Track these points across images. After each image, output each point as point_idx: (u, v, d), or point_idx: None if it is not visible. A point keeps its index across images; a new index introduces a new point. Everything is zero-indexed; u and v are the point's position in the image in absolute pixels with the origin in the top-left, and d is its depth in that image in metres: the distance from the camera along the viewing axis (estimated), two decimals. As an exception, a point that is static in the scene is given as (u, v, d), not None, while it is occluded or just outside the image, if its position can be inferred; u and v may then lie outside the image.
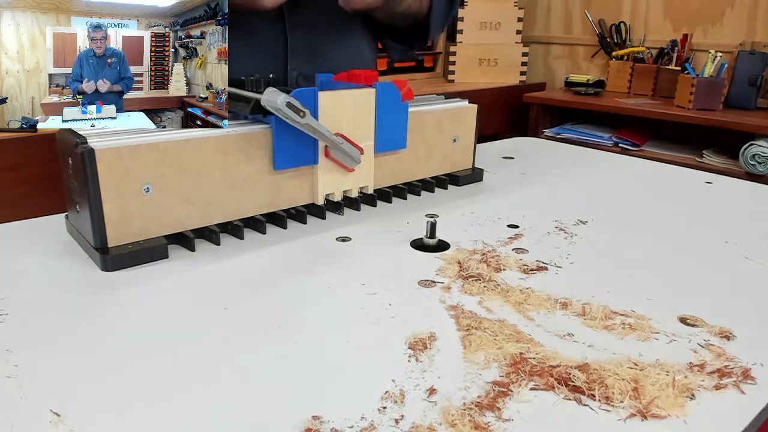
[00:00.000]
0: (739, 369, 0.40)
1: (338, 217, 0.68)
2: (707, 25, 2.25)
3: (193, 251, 0.57)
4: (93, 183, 0.50)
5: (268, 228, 0.62)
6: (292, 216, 0.65)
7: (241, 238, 0.60)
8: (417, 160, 0.76)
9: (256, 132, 0.59)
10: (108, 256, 0.52)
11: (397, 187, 0.75)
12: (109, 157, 0.51)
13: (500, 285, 0.51)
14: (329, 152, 0.63)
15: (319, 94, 0.60)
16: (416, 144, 0.74)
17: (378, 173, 0.71)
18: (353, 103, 0.64)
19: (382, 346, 0.42)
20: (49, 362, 0.39)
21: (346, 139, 0.63)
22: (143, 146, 0.52)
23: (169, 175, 0.54)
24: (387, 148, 0.70)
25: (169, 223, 0.56)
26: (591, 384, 0.37)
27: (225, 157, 0.58)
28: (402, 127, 0.71)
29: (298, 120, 0.56)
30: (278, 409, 0.35)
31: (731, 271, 0.56)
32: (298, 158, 0.62)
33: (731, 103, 2.04)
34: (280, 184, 0.62)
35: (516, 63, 2.50)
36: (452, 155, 0.80)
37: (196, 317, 0.45)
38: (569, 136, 2.24)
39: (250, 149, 0.59)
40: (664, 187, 0.84)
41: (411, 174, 0.76)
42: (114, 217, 0.52)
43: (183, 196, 0.56)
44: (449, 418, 0.34)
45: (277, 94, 0.55)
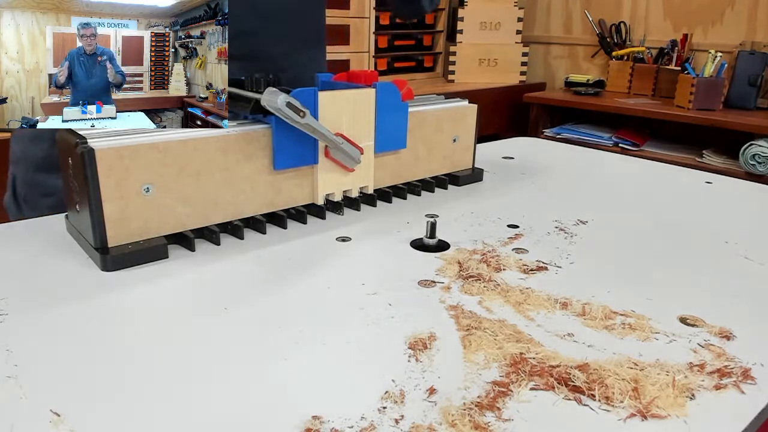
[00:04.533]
0: (739, 369, 0.40)
1: (338, 217, 0.68)
2: (707, 25, 2.25)
3: (193, 251, 0.57)
4: (93, 183, 0.50)
5: (268, 228, 0.62)
6: (292, 216, 0.65)
7: (241, 238, 0.60)
8: (417, 160, 0.76)
9: (256, 132, 0.59)
10: (108, 256, 0.52)
11: (397, 187, 0.75)
12: (109, 157, 0.51)
13: (500, 285, 0.51)
14: (329, 152, 0.63)
15: (319, 94, 0.60)
16: (416, 144, 0.75)
17: (378, 173, 0.71)
18: (353, 103, 0.64)
19: (382, 346, 0.42)
20: (49, 362, 0.39)
21: (346, 139, 0.63)
22: (143, 146, 0.52)
23: (169, 175, 0.54)
24: (387, 148, 0.70)
25: (169, 223, 0.56)
26: (591, 384, 0.37)
27: (225, 157, 0.58)
28: (402, 127, 0.71)
29: (298, 120, 0.56)
30: (278, 409, 0.35)
31: (731, 271, 0.56)
32: (298, 158, 0.62)
33: (731, 103, 2.04)
34: (280, 184, 0.62)
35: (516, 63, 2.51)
36: (452, 155, 0.80)
37: (195, 317, 0.45)
38: (569, 136, 2.24)
39: (250, 149, 0.59)
40: (664, 187, 0.84)
41: (411, 174, 0.76)
42: (114, 217, 0.52)
43: (183, 196, 0.56)
44: (449, 418, 0.34)
45: (277, 94, 0.55)
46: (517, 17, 2.50)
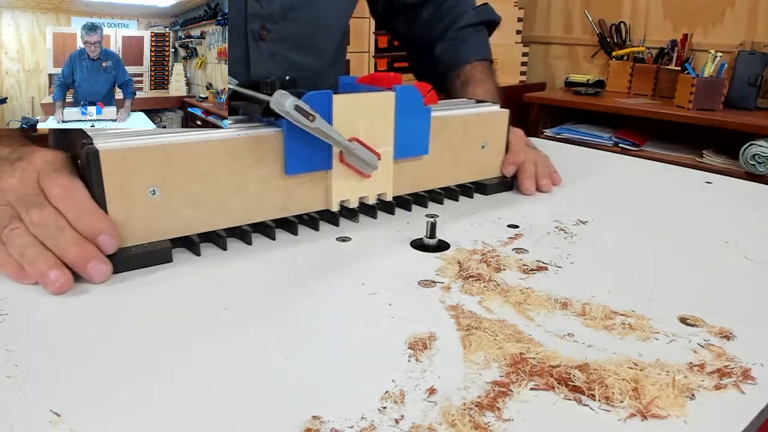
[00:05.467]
0: (739, 369, 0.40)
1: (348, 221, 0.66)
2: (707, 25, 2.25)
3: (198, 255, 0.56)
4: (97, 184, 0.50)
5: (278, 233, 0.61)
6: (305, 222, 0.63)
7: (249, 244, 0.59)
8: (441, 167, 0.72)
9: (267, 135, 0.58)
10: (111, 258, 0.51)
11: (418, 195, 0.71)
12: (113, 159, 0.50)
13: (500, 285, 0.51)
14: (344, 157, 0.61)
15: (333, 97, 0.58)
16: (440, 150, 0.71)
17: (397, 180, 0.68)
18: (371, 106, 0.62)
19: (382, 346, 0.42)
20: (49, 362, 0.39)
21: (362, 144, 0.61)
22: (149, 148, 0.52)
23: (175, 177, 0.53)
24: (407, 153, 0.68)
25: (174, 227, 0.55)
26: (591, 384, 0.37)
27: (234, 161, 0.56)
28: (424, 132, 0.68)
29: (308, 124, 0.55)
30: (278, 409, 0.35)
31: (731, 271, 0.56)
32: (311, 163, 0.60)
33: (731, 103, 2.04)
34: (292, 189, 0.61)
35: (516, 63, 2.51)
36: (480, 162, 0.76)
37: (195, 317, 0.45)
38: (569, 136, 2.25)
39: (261, 153, 0.57)
40: (664, 187, 0.84)
41: (434, 181, 0.73)
42: (118, 219, 0.51)
43: (190, 200, 0.55)
44: (449, 418, 0.34)
45: (285, 96, 0.53)
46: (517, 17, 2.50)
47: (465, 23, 0.95)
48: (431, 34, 0.95)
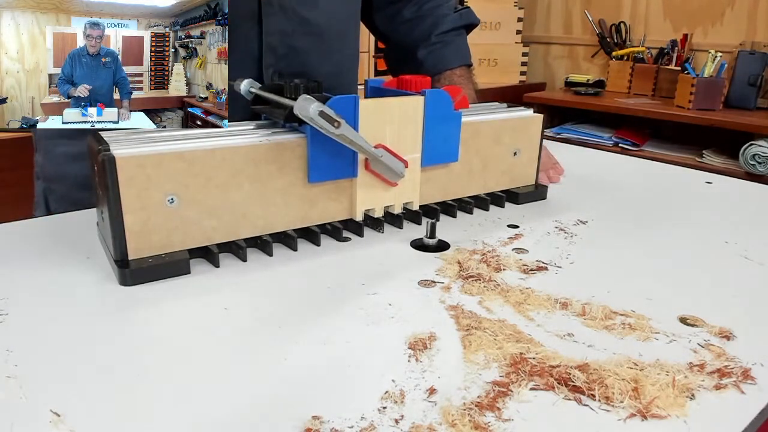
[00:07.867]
0: (739, 369, 0.40)
1: (378, 234, 0.63)
2: (707, 25, 2.25)
3: (217, 267, 0.54)
4: (113, 192, 0.48)
5: (299, 243, 0.58)
6: (328, 232, 0.60)
7: (270, 255, 0.56)
8: (471, 175, 0.69)
9: (290, 142, 0.55)
10: (127, 269, 0.49)
11: (446, 204, 0.68)
12: (130, 166, 0.48)
13: (500, 285, 0.51)
14: (369, 164, 0.59)
15: (359, 102, 0.56)
16: (470, 157, 0.68)
17: (425, 188, 0.65)
18: (398, 112, 0.59)
19: (382, 346, 0.42)
20: (49, 362, 0.39)
21: (388, 151, 0.59)
22: (168, 155, 0.49)
23: (194, 185, 0.51)
24: (436, 161, 0.64)
25: (193, 237, 0.53)
26: (591, 384, 0.37)
27: (256, 168, 0.54)
28: (454, 138, 0.65)
29: (333, 130, 0.53)
30: (278, 409, 0.35)
31: (731, 271, 0.56)
32: (335, 171, 0.58)
33: (731, 103, 2.04)
34: (315, 197, 0.58)
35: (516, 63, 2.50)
36: (512, 170, 0.73)
37: (194, 317, 0.45)
38: (569, 136, 2.24)
39: (284, 160, 0.55)
40: (664, 187, 0.84)
41: (463, 190, 0.69)
42: (135, 229, 0.49)
43: (209, 209, 0.53)
44: (449, 418, 0.34)
45: (310, 101, 0.51)
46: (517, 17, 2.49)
47: (447, 28, 0.95)
48: (413, 36, 0.95)
